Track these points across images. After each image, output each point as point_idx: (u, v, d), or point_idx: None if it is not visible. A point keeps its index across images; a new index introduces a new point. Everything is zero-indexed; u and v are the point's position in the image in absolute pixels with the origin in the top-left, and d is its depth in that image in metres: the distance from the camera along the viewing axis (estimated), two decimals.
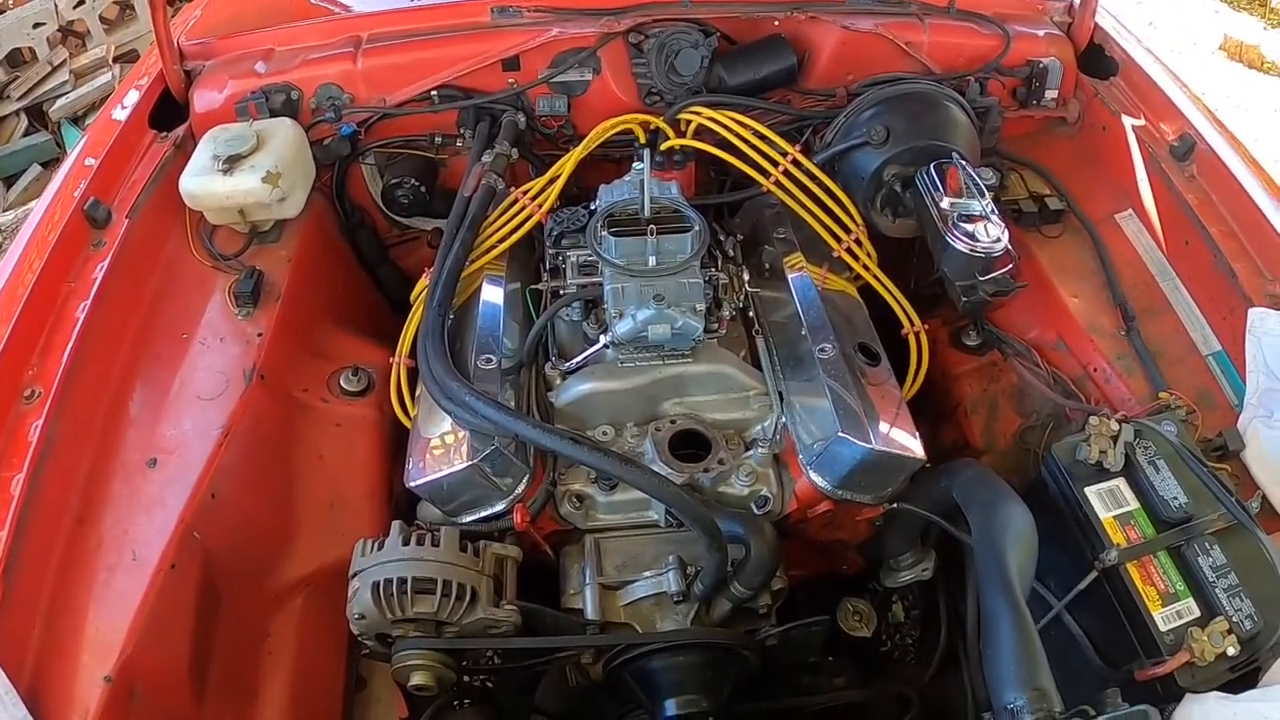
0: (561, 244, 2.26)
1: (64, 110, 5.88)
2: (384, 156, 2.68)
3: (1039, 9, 2.84)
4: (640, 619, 1.86)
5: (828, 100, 2.63)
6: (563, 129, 2.65)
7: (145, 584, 1.70)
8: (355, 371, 2.24)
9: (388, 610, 1.70)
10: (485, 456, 1.82)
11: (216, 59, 2.66)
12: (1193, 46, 7.51)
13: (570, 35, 2.54)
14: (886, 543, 2.14)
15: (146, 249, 2.24)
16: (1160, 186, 2.38)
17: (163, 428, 1.95)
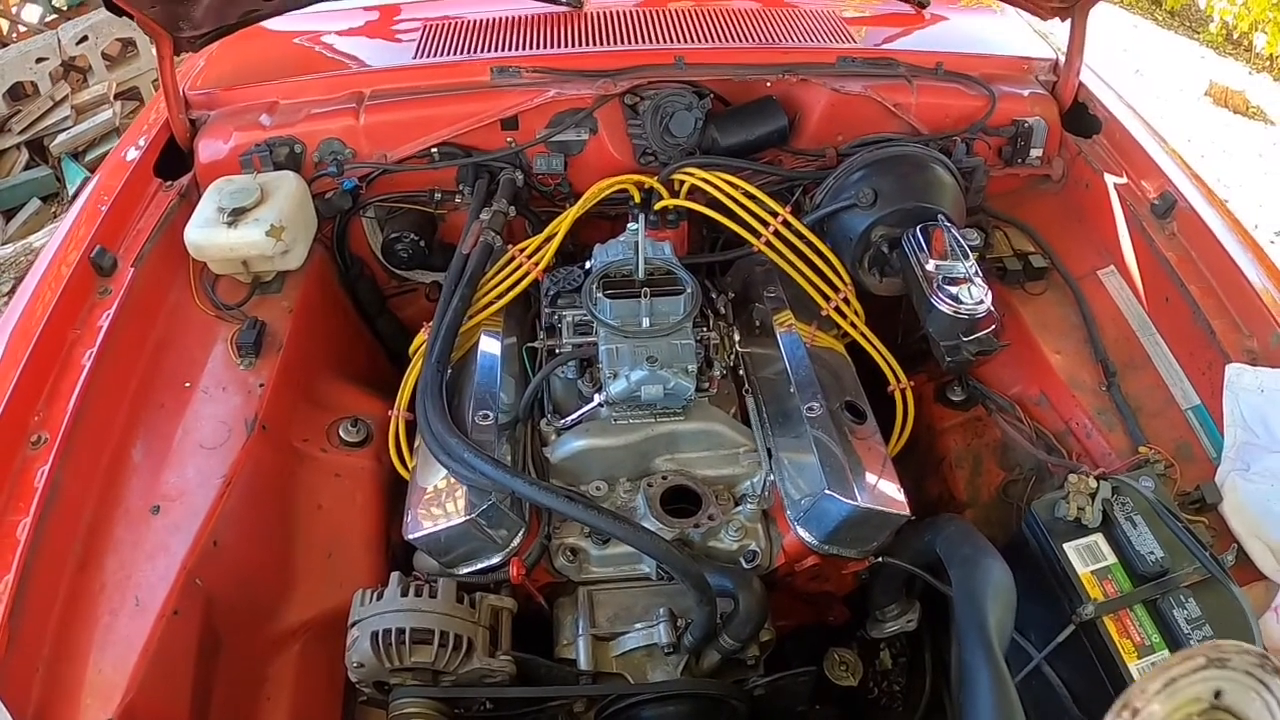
0: (558, 303, 2.31)
1: (65, 145, 5.92)
2: (384, 210, 2.71)
3: (1024, 69, 2.89)
4: (632, 669, 1.89)
5: (818, 160, 2.68)
6: (559, 187, 2.69)
7: (148, 629, 1.72)
8: (354, 422, 2.28)
9: (386, 659, 1.74)
10: (482, 511, 1.86)
11: (221, 109, 2.70)
12: (1179, 92, 7.60)
13: (568, 96, 2.59)
14: (872, 595, 2.18)
15: (151, 298, 2.27)
16: (1141, 244, 2.42)
17: (166, 475, 1.97)
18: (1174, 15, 9.32)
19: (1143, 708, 0.58)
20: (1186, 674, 0.59)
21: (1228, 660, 0.59)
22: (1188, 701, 0.59)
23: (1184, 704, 0.58)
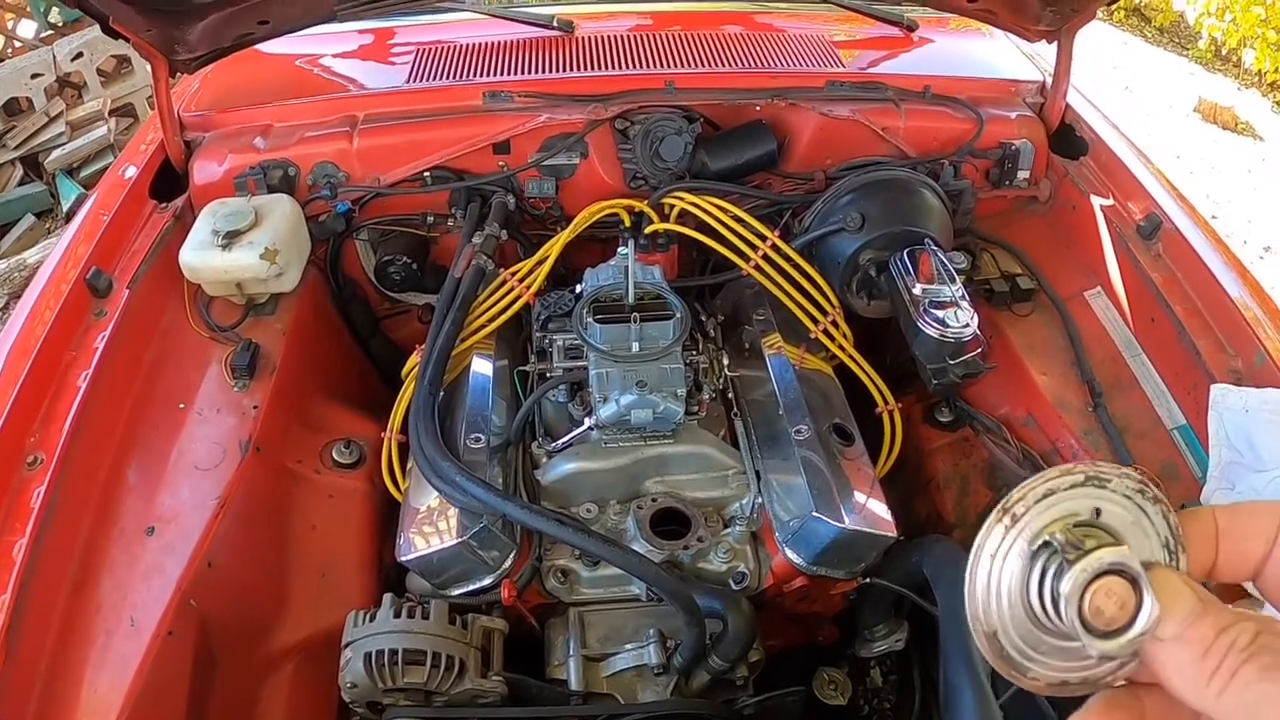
0: (549, 327, 2.33)
1: (59, 161, 5.93)
2: (377, 233, 2.73)
3: (1011, 91, 2.91)
4: (622, 690, 1.91)
5: (807, 184, 2.70)
6: (551, 210, 2.71)
7: (143, 650, 1.73)
8: (347, 444, 2.29)
9: (379, 680, 1.76)
10: (474, 534, 1.88)
11: (216, 132, 2.71)
12: (1168, 109, 7.64)
13: (559, 121, 2.61)
14: (861, 615, 2.20)
15: (146, 319, 2.28)
16: (1127, 265, 2.44)
17: (161, 497, 1.98)
18: (1163, 32, 9.38)
19: (1021, 514, 0.59)
20: (1065, 488, 0.60)
21: (1108, 481, 0.60)
22: (1066, 515, 0.60)
23: (1062, 517, 0.60)
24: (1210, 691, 0.55)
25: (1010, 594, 0.61)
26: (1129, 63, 8.65)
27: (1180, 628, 0.57)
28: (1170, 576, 0.60)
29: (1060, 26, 2.63)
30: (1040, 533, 0.60)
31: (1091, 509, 0.60)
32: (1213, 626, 0.56)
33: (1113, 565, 0.58)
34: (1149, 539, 0.61)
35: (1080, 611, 0.58)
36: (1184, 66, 8.67)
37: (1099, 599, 0.57)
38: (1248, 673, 0.54)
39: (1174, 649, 0.57)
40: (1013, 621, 0.61)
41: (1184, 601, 0.58)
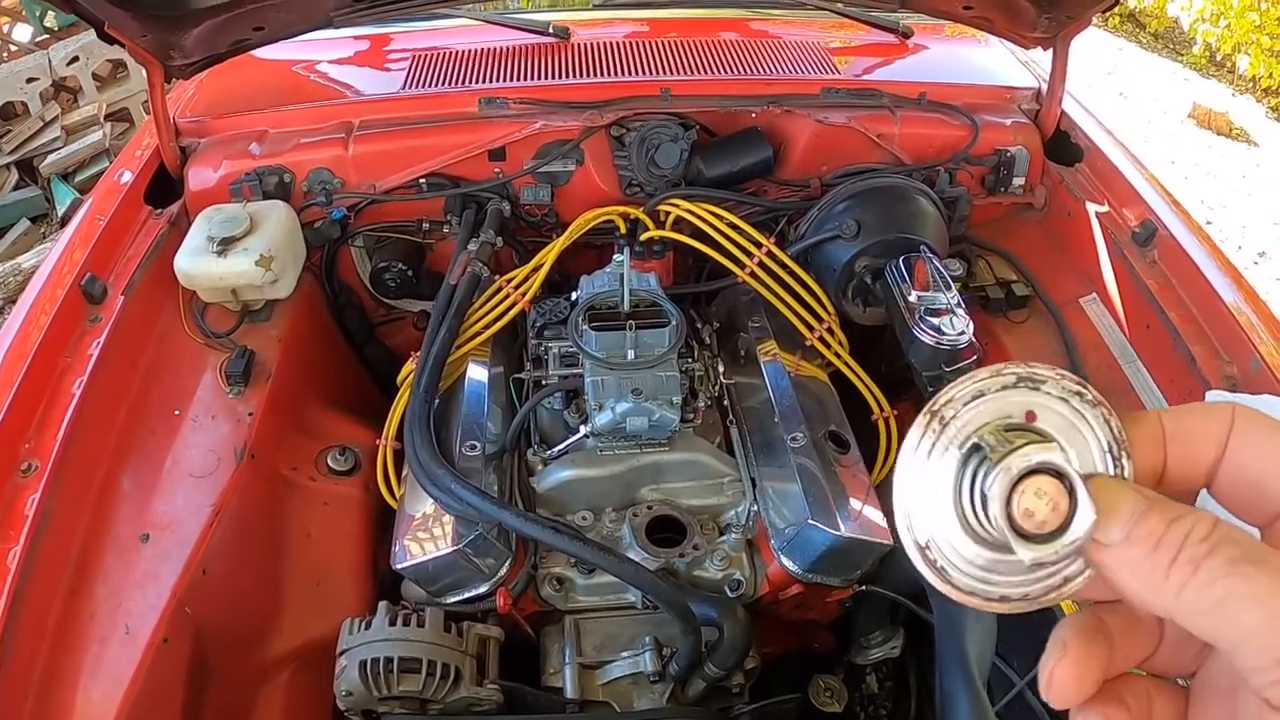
0: (544, 335, 2.32)
1: (55, 166, 5.92)
2: (373, 240, 2.73)
3: (1006, 98, 2.91)
4: (618, 697, 1.91)
5: (802, 191, 2.70)
6: (546, 217, 2.71)
7: (138, 657, 1.72)
8: (342, 451, 2.28)
9: (374, 688, 1.75)
10: (469, 541, 1.88)
11: (211, 138, 2.71)
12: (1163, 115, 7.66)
13: (555, 128, 2.61)
14: (857, 622, 2.20)
15: (141, 326, 2.27)
16: (1123, 271, 2.44)
17: (155, 504, 1.97)
18: (1158, 38, 9.40)
19: (950, 417, 0.55)
20: (996, 389, 0.56)
21: (1042, 382, 0.56)
22: (998, 417, 0.56)
23: (994, 419, 0.56)
24: (1170, 588, 0.51)
25: (940, 501, 0.57)
26: (1124, 69, 8.67)
27: (1125, 527, 0.53)
28: (1109, 480, 0.56)
29: (1055, 34, 2.62)
30: (970, 436, 0.56)
31: (1025, 411, 0.57)
32: (1162, 519, 0.52)
33: (1042, 464, 0.54)
34: (1089, 444, 0.57)
35: (1009, 514, 0.54)
36: (1179, 72, 8.69)
37: (1028, 500, 0.54)
38: (1212, 566, 0.49)
39: (1123, 551, 0.53)
40: (946, 531, 0.57)
41: (1126, 501, 0.54)
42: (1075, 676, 0.57)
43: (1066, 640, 0.57)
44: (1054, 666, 0.57)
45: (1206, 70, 8.67)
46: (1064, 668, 0.57)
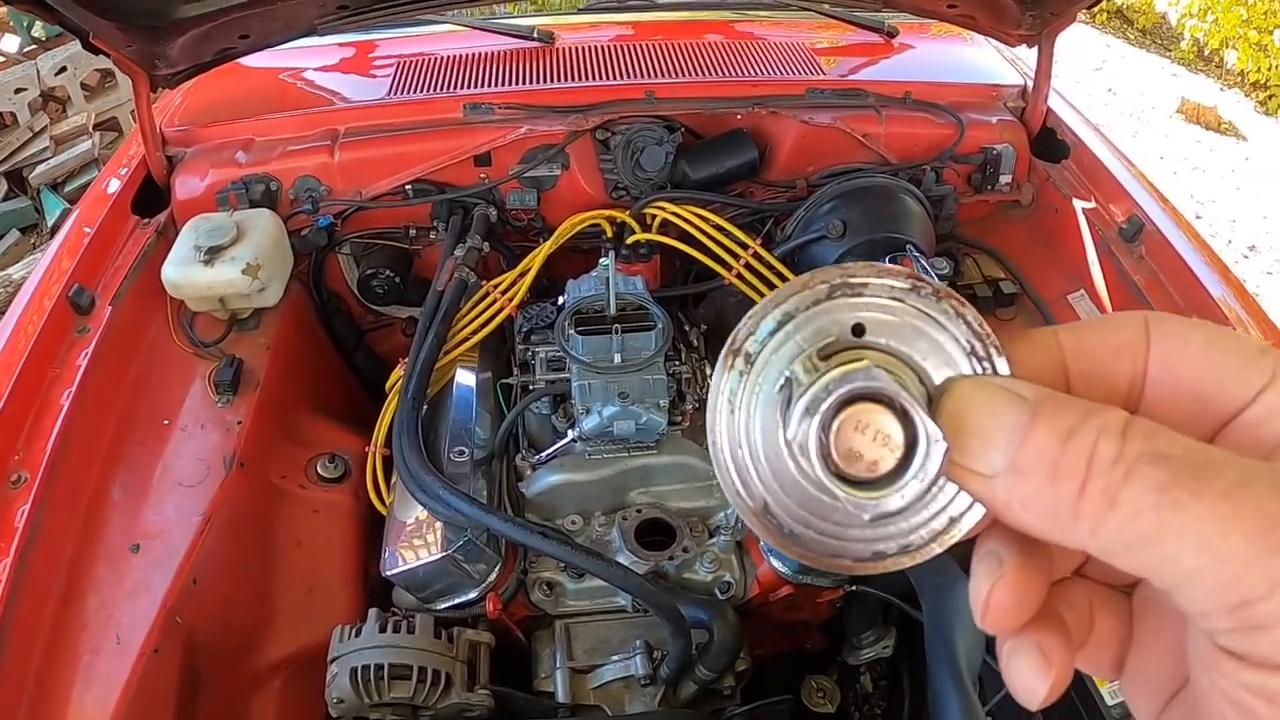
0: (531, 340, 2.33)
1: (44, 176, 5.90)
2: (360, 246, 2.73)
3: (992, 95, 2.91)
4: (609, 701, 1.91)
5: (789, 192, 2.70)
6: (533, 221, 2.71)
7: (129, 667, 1.72)
8: (332, 458, 2.28)
9: (365, 695, 1.76)
10: (458, 547, 1.89)
11: (198, 147, 2.71)
12: (1151, 110, 7.66)
13: (540, 132, 2.62)
14: (848, 622, 2.21)
15: (129, 336, 2.27)
16: (1110, 267, 2.45)
17: (145, 513, 1.97)
18: (1145, 34, 9.42)
19: (756, 352, 0.46)
20: (807, 306, 0.45)
21: (862, 286, 0.45)
22: (816, 339, 0.45)
23: (813, 345, 0.46)
24: (1081, 528, 0.41)
25: (766, 454, 0.47)
26: (1112, 65, 8.68)
27: (1005, 450, 0.42)
28: (973, 382, 0.45)
29: (1040, 31, 2.63)
30: (783, 370, 0.46)
31: (848, 326, 0.46)
32: (1053, 435, 0.41)
33: (855, 390, 0.44)
34: (946, 349, 0.46)
35: (829, 459, 0.45)
36: (1167, 68, 8.70)
37: (847, 437, 0.44)
38: (1133, 498, 0.39)
39: (1010, 485, 0.42)
40: (782, 487, 0.47)
41: (999, 411, 0.43)
42: (1017, 601, 0.47)
43: (1001, 555, 0.47)
44: (991, 590, 0.46)
45: (1195, 65, 8.69)
46: (1003, 591, 0.46)
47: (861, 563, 0.48)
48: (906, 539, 0.47)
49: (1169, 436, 0.40)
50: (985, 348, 0.46)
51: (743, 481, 0.48)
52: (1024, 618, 0.47)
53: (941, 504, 0.46)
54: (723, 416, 0.48)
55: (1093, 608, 0.51)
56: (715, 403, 0.48)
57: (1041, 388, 0.43)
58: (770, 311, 0.47)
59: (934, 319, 0.46)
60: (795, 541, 0.48)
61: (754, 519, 0.48)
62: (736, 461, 0.48)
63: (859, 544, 0.47)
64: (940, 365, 0.46)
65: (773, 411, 0.47)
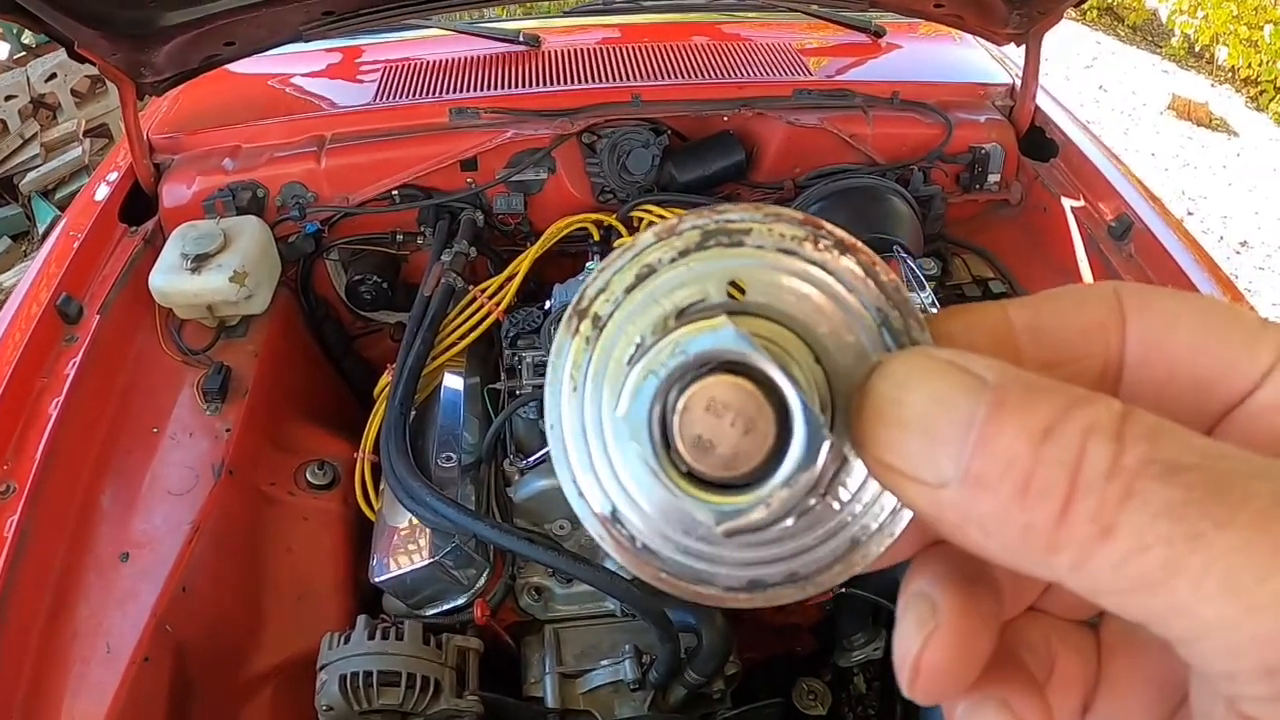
0: (517, 345, 2.32)
1: (35, 183, 5.88)
2: (347, 252, 2.73)
3: (980, 94, 2.91)
4: (599, 706, 1.91)
5: (776, 193, 2.71)
6: (520, 226, 2.71)
7: (119, 676, 1.72)
8: (321, 465, 2.28)
9: (355, 702, 1.76)
10: (446, 553, 1.89)
11: (185, 154, 2.71)
12: (1142, 107, 7.66)
13: (526, 136, 2.62)
14: (838, 624, 2.21)
15: (117, 344, 2.27)
16: (1099, 266, 2.45)
17: (134, 522, 1.97)
18: (1136, 30, 9.41)
19: (607, 314, 0.37)
20: (673, 258, 0.36)
21: (743, 233, 0.36)
22: (684, 300, 0.36)
23: (676, 306, 0.36)
24: (1060, 564, 0.31)
25: (618, 443, 0.37)
26: (1103, 62, 8.68)
27: (959, 453, 0.31)
28: (909, 360, 0.34)
29: (1027, 29, 2.62)
30: (634, 336, 0.37)
31: (723, 283, 0.36)
32: (1025, 431, 0.31)
33: (707, 355, 0.34)
34: (849, 322, 0.36)
35: (671, 448, 0.35)
36: (1157, 64, 8.70)
37: (696, 420, 0.34)
38: (1139, 524, 0.29)
39: (961, 500, 0.32)
40: (637, 489, 0.37)
41: (948, 401, 0.32)
42: (958, 660, 0.36)
43: (935, 598, 0.37)
44: (923, 649, 0.36)
45: (1185, 61, 8.69)
46: (939, 649, 0.36)
47: (733, 593, 0.37)
48: (792, 564, 0.37)
49: (1178, 436, 0.30)
50: (904, 320, 0.36)
51: (585, 479, 0.38)
52: (966, 683, 0.36)
53: (842, 519, 0.37)
54: (563, 394, 0.38)
55: (1052, 648, 0.42)
56: (555, 376, 0.38)
57: (1005, 365, 0.33)
58: (626, 264, 0.37)
59: (838, 278, 0.36)
60: (650, 560, 0.38)
61: (599, 526, 0.38)
62: (578, 453, 0.38)
63: (732, 568, 0.37)
64: (844, 340, 0.36)
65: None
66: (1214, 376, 0.35)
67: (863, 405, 0.35)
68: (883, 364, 0.35)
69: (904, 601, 0.38)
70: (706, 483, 0.35)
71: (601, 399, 0.37)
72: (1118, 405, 0.31)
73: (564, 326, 0.37)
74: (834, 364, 0.36)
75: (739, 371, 0.34)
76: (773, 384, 0.34)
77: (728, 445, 0.34)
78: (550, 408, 0.38)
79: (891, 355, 0.35)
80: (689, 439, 0.34)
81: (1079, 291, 0.38)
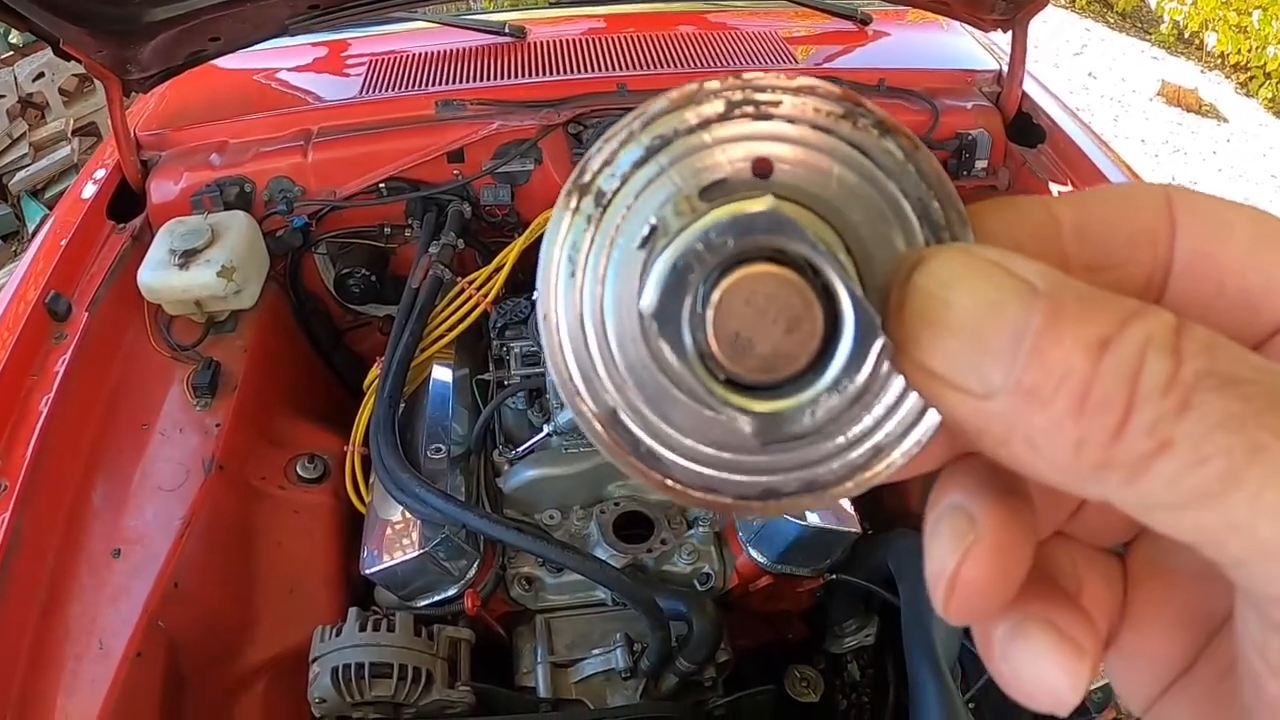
0: (505, 335, 2.33)
1: (23, 183, 5.88)
2: (336, 246, 2.72)
3: (967, 81, 2.90)
4: (591, 695, 1.92)
5: None
6: (507, 217, 2.70)
7: (112, 672, 1.72)
8: (311, 459, 2.28)
9: (347, 694, 1.76)
10: (436, 545, 1.89)
11: (172, 150, 2.70)
12: (1132, 94, 7.67)
13: (512, 128, 2.61)
14: (830, 611, 2.21)
15: (106, 341, 2.26)
16: None
17: (126, 519, 1.97)
18: (1125, 17, 9.42)
19: (613, 190, 0.32)
20: (690, 127, 0.32)
21: (774, 105, 0.31)
22: (700, 178, 0.32)
23: (693, 182, 0.32)
24: (1112, 480, 0.29)
25: (619, 337, 0.33)
26: (1092, 49, 8.69)
27: (1011, 362, 0.29)
28: (954, 257, 0.32)
29: (1013, 15, 2.62)
30: (649, 216, 0.32)
31: (749, 161, 0.32)
32: (1082, 341, 0.29)
33: (750, 245, 0.31)
34: (886, 210, 0.33)
35: (704, 349, 0.32)
36: (1147, 51, 8.71)
37: (734, 316, 0.31)
38: (1198, 436, 0.27)
39: (1011, 412, 0.30)
40: (639, 387, 0.33)
41: (998, 305, 0.30)
42: (999, 575, 0.34)
43: (972, 511, 0.34)
44: (960, 562, 0.33)
45: (1175, 48, 8.69)
46: (979, 564, 0.33)
47: (744, 501, 0.34)
48: (813, 472, 0.34)
49: (1233, 351, 0.29)
50: (945, 212, 0.33)
51: (583, 376, 0.34)
52: (1004, 601, 0.34)
53: (865, 426, 0.33)
54: (559, 280, 0.34)
55: (1079, 571, 0.39)
56: (550, 259, 0.34)
57: (1055, 271, 0.30)
58: (636, 134, 0.33)
59: (875, 162, 0.32)
60: (655, 466, 0.34)
61: (597, 428, 0.34)
62: (575, 346, 0.34)
63: (745, 476, 0.34)
64: (878, 231, 0.33)
65: (631, 275, 0.33)
66: (1264, 294, 0.33)
67: (904, 304, 0.32)
68: (925, 260, 0.32)
69: (935, 516, 0.35)
70: (741, 385, 0.32)
71: (605, 287, 0.33)
72: (1172, 318, 0.29)
73: (562, 203, 0.33)
74: (866, 256, 0.33)
75: (781, 258, 0.31)
76: (817, 275, 0.31)
77: (768, 344, 0.31)
78: (545, 296, 0.34)
79: (934, 251, 0.32)
80: (725, 337, 0.31)
81: (1129, 192, 0.35)
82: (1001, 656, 0.35)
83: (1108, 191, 0.35)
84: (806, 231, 0.30)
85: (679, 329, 0.31)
